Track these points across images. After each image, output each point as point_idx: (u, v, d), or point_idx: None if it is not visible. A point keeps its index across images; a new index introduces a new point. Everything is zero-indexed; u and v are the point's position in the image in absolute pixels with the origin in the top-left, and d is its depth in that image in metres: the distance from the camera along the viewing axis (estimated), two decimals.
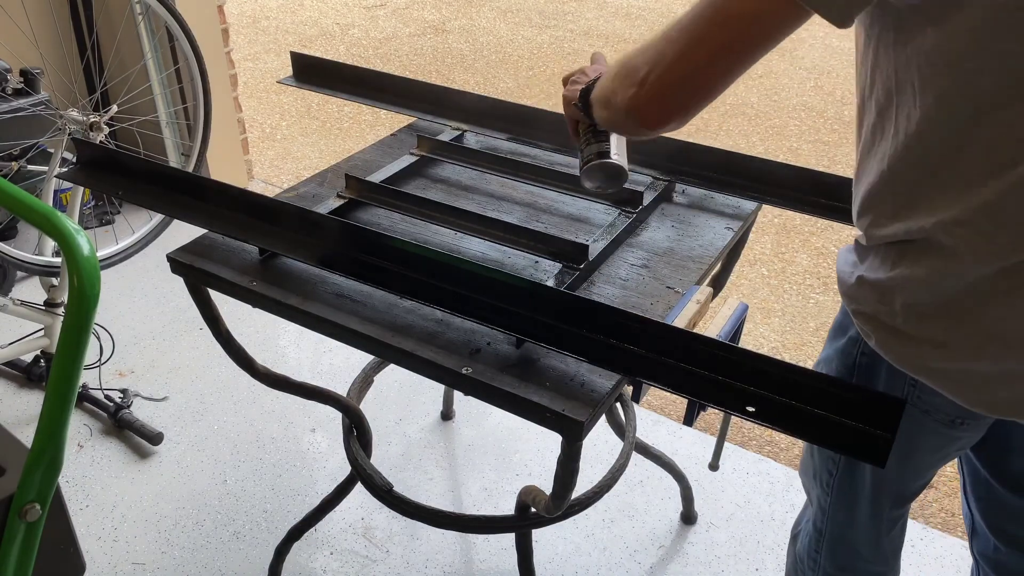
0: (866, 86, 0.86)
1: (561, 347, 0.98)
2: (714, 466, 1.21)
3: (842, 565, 1.14)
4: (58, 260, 2.22)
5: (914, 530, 1.89)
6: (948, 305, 0.82)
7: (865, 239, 0.91)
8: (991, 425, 0.96)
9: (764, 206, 1.38)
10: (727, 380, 0.90)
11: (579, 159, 1.14)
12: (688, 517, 1.90)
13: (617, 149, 1.11)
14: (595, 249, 1.21)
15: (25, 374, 2.26)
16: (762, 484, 2.00)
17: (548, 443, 2.09)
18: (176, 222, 2.35)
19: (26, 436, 0.80)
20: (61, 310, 2.14)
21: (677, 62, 0.80)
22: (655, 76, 0.82)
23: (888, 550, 1.13)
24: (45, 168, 2.27)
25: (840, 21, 0.74)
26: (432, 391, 2.24)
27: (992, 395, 0.85)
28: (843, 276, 0.95)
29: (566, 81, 1.15)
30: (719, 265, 1.36)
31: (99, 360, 2.27)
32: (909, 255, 0.84)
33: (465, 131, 1.58)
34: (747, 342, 2.62)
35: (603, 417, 1.52)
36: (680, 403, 2.26)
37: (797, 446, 2.16)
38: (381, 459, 2.03)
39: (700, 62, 0.79)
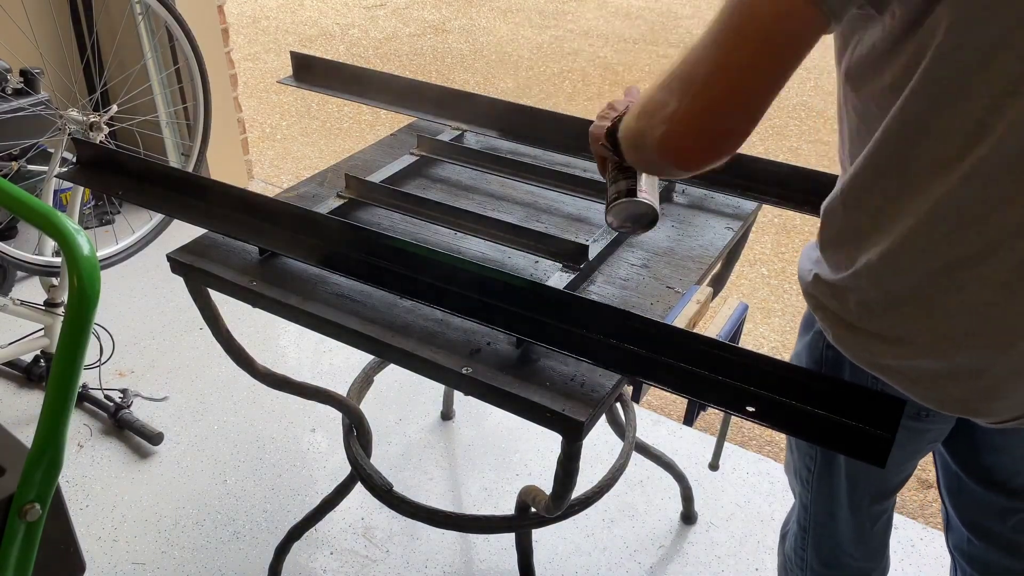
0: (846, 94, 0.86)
1: (561, 347, 0.98)
2: (714, 466, 1.21)
3: (828, 561, 1.14)
4: (58, 260, 2.22)
5: (914, 530, 1.89)
6: (899, 302, 0.83)
7: (822, 230, 0.92)
8: (958, 419, 0.97)
9: (764, 206, 1.38)
10: (727, 380, 0.90)
11: (606, 197, 1.08)
12: (688, 517, 1.90)
13: (646, 186, 1.05)
14: (595, 249, 1.21)
15: (25, 374, 2.26)
16: (762, 484, 2.00)
17: (548, 443, 2.09)
18: (176, 222, 2.34)
19: (26, 436, 0.80)
20: (61, 310, 2.14)
21: (706, 88, 0.73)
22: (685, 107, 0.74)
23: (873, 545, 1.13)
24: (45, 168, 2.27)
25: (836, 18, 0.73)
26: (432, 391, 2.24)
27: (943, 392, 0.86)
28: (802, 273, 0.96)
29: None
30: (719, 265, 1.36)
31: (99, 360, 2.27)
32: (861, 252, 0.85)
33: (465, 131, 1.58)
34: (747, 342, 2.62)
35: (603, 417, 1.53)
36: (680, 403, 2.26)
37: None
38: (381, 459, 2.03)
39: (732, 83, 0.72)
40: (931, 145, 0.75)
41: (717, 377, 0.91)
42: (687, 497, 1.88)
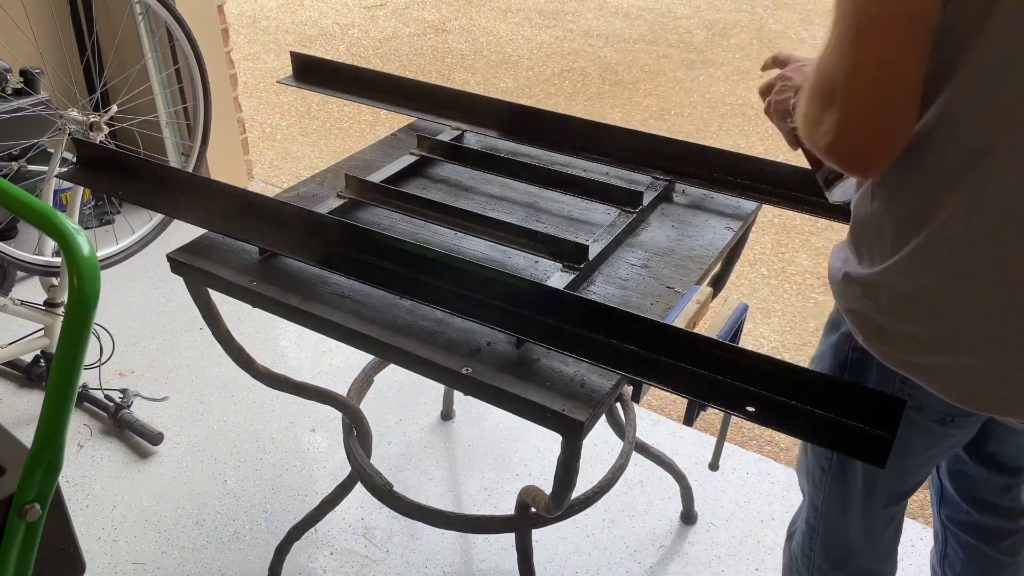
0: None
1: (561, 347, 0.98)
2: (714, 466, 1.21)
3: (835, 562, 1.14)
4: (58, 260, 2.22)
5: (914, 530, 1.89)
6: (933, 300, 0.83)
7: (852, 225, 0.92)
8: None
9: (764, 206, 1.38)
10: (727, 380, 0.90)
11: (818, 178, 1.04)
12: (688, 517, 1.90)
13: None
14: (595, 249, 1.21)
15: (25, 374, 2.26)
16: (762, 484, 2.00)
17: (548, 443, 2.09)
18: (176, 222, 2.35)
19: (26, 436, 0.80)
20: (61, 310, 2.14)
21: (849, 94, 0.72)
22: (836, 119, 0.73)
23: (883, 547, 1.14)
24: (45, 168, 2.27)
25: None
26: (432, 391, 2.24)
27: (978, 391, 0.86)
28: (833, 273, 0.96)
29: (766, 91, 1.05)
30: (719, 265, 1.36)
31: (99, 360, 2.27)
32: (894, 247, 0.85)
33: (465, 131, 1.58)
34: (747, 342, 2.62)
35: (603, 417, 1.52)
36: (680, 403, 2.26)
37: (797, 446, 2.16)
38: (381, 459, 2.03)
39: (872, 81, 0.71)
40: (965, 138, 0.75)
41: (717, 377, 0.91)
42: (687, 497, 1.88)
